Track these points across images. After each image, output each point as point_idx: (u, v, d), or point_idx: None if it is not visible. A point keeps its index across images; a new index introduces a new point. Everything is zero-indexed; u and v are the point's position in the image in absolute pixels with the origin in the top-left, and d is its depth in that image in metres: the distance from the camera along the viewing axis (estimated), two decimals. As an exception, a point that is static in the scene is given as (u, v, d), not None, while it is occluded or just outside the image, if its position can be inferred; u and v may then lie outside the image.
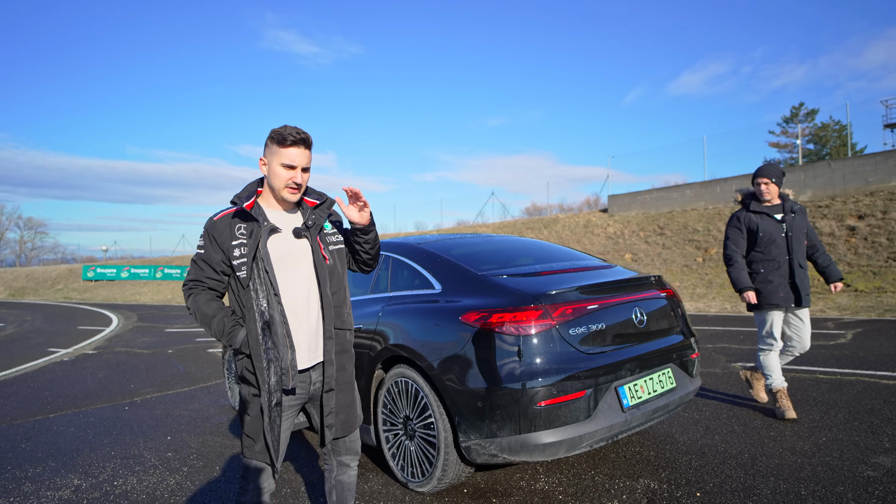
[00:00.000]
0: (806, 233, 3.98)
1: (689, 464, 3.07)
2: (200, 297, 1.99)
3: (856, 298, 11.64)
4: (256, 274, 1.90)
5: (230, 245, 1.93)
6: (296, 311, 1.96)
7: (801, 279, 3.85)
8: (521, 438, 2.47)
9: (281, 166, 1.92)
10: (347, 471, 2.17)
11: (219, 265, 1.96)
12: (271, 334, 1.88)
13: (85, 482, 3.48)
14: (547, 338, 2.56)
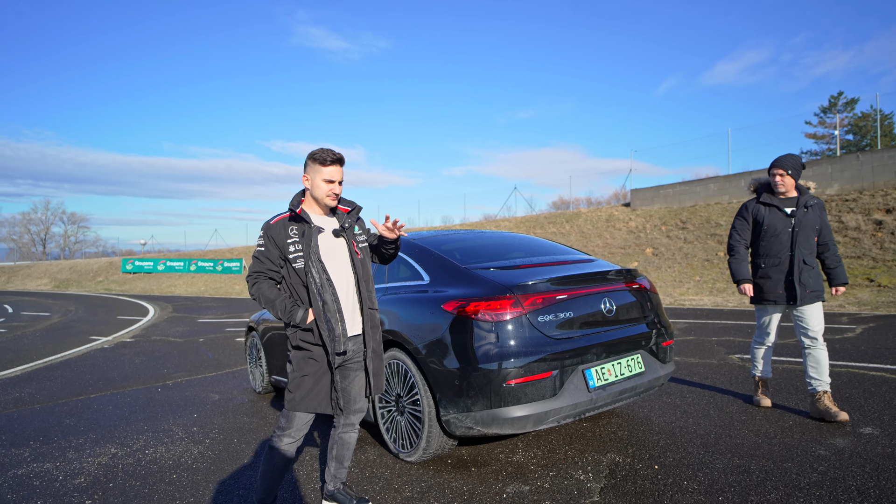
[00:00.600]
0: (819, 229, 3.78)
1: (657, 442, 3.33)
2: (263, 285, 2.46)
3: (878, 294, 11.48)
4: (311, 265, 2.39)
5: (285, 243, 2.42)
6: (340, 293, 2.46)
7: (805, 277, 3.69)
8: (493, 413, 2.78)
9: (322, 181, 2.44)
10: (350, 431, 2.64)
11: (276, 259, 2.45)
12: (327, 310, 2.38)
13: (120, 451, 3.94)
14: (517, 324, 2.86)
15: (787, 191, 3.81)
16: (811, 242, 3.76)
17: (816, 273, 3.76)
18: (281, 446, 2.43)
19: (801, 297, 3.68)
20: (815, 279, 3.73)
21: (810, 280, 3.71)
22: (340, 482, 2.71)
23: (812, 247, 3.77)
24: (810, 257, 3.75)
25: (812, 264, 3.74)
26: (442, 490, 2.81)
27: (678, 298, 13.67)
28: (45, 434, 4.51)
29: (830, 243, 3.82)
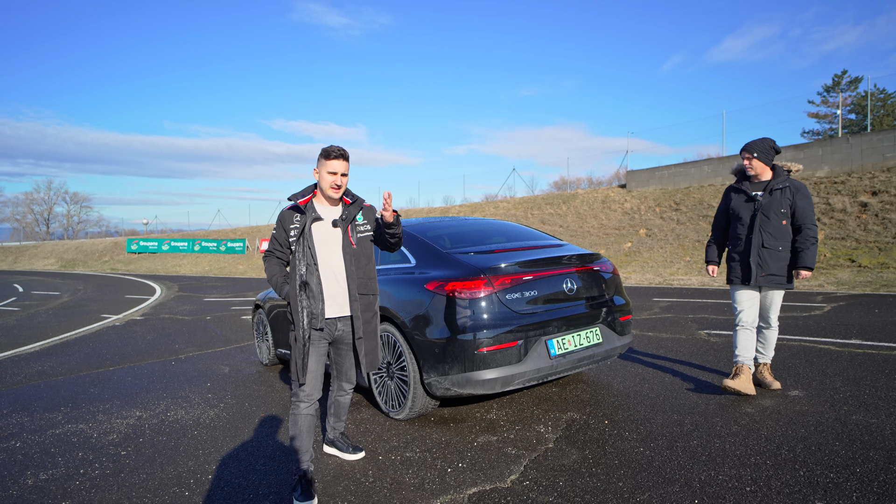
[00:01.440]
0: (787, 212, 3.72)
1: (612, 403, 3.85)
2: (271, 261, 2.91)
3: (858, 274, 11.93)
4: (301, 250, 2.73)
5: (289, 228, 2.78)
6: (329, 277, 2.76)
7: (764, 260, 3.73)
8: (467, 376, 3.28)
9: (327, 173, 2.73)
10: (344, 395, 3.11)
11: (284, 242, 2.82)
12: (307, 291, 2.69)
13: (145, 413, 4.46)
14: (489, 301, 3.35)
15: (758, 174, 3.83)
16: (776, 226, 3.72)
17: (781, 257, 3.73)
18: (297, 414, 2.72)
19: (756, 279, 3.75)
20: (776, 263, 3.73)
21: (769, 263, 3.73)
22: (339, 432, 3.21)
23: (778, 230, 3.73)
24: (774, 240, 3.73)
25: (774, 247, 3.73)
26: (423, 440, 3.33)
27: (667, 278, 14.16)
28: (73, 401, 5.02)
29: (805, 226, 3.72)
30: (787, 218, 3.74)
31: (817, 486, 2.43)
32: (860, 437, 2.98)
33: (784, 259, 3.75)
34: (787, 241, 3.75)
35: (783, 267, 3.76)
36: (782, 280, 3.77)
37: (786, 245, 3.75)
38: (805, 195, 3.75)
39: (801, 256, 3.72)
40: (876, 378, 4.10)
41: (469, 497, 2.54)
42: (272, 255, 2.90)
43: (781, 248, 3.74)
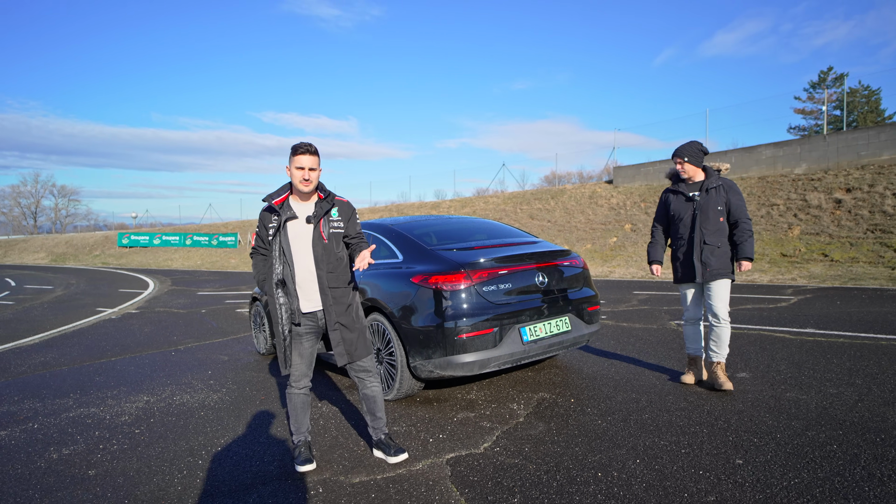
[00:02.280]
0: (723, 209, 3.89)
1: (580, 384, 4.27)
2: (257, 258, 3.07)
3: (829, 268, 12.47)
4: (277, 248, 2.86)
5: (267, 226, 2.90)
6: (304, 273, 2.87)
7: (707, 256, 3.89)
8: (447, 359, 3.69)
9: (296, 168, 2.82)
10: (366, 385, 3.06)
11: (266, 239, 2.93)
12: (284, 288, 2.85)
13: (152, 398, 4.82)
14: (468, 293, 3.74)
15: (690, 176, 4.01)
16: (715, 223, 3.90)
17: (722, 253, 3.91)
18: (291, 394, 3.04)
19: (702, 275, 3.93)
20: (718, 259, 3.90)
21: (712, 259, 3.90)
22: (382, 433, 3.11)
23: (717, 227, 3.90)
24: (714, 237, 3.90)
25: (715, 244, 3.90)
26: (409, 417, 3.74)
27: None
28: (81, 388, 5.36)
29: (741, 220, 3.88)
30: (723, 215, 3.92)
31: (740, 448, 2.87)
32: (788, 409, 3.42)
33: (725, 254, 3.93)
34: (724, 237, 3.93)
35: (724, 262, 3.92)
36: (726, 272, 3.92)
37: (724, 241, 3.92)
38: (737, 192, 3.94)
39: (740, 249, 3.87)
40: (817, 361, 4.55)
41: (447, 461, 2.95)
42: (257, 253, 3.04)
43: (720, 244, 3.91)
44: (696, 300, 4.12)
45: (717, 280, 3.91)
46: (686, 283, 4.11)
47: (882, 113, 39.27)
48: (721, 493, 2.40)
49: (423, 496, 2.55)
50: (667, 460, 2.76)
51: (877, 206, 14.21)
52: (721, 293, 3.94)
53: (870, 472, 2.53)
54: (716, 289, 3.93)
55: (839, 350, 4.94)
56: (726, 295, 3.95)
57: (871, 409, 3.36)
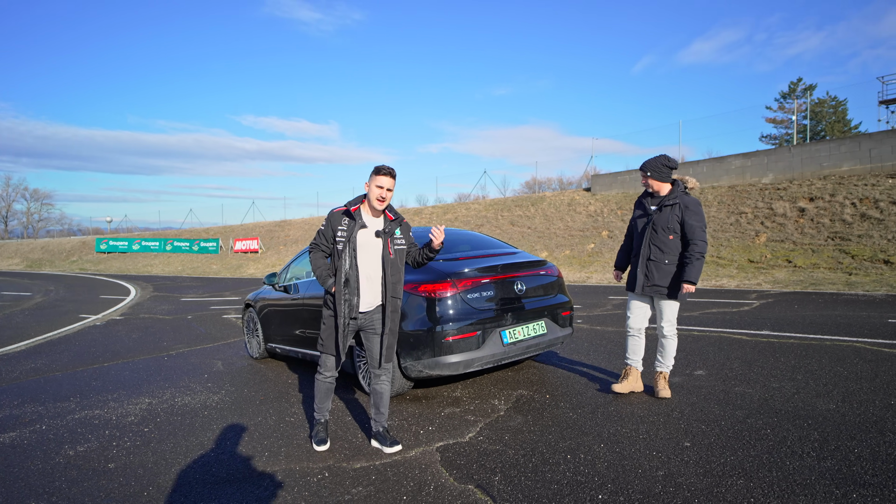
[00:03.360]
0: (673, 228, 3.90)
1: (555, 381, 4.71)
2: (318, 254, 3.42)
3: (793, 273, 13.19)
4: (347, 250, 3.25)
5: (337, 228, 3.29)
6: (366, 276, 3.29)
7: (651, 271, 3.98)
8: (435, 360, 4.08)
9: (375, 186, 3.25)
10: (380, 382, 3.48)
11: (329, 238, 3.34)
12: (348, 286, 3.24)
13: (153, 400, 5.10)
14: (454, 300, 4.15)
15: (656, 190, 4.07)
16: (663, 240, 3.93)
17: (666, 270, 3.93)
18: (319, 379, 3.51)
19: (641, 288, 4.04)
20: (661, 275, 3.94)
21: (655, 275, 3.96)
22: (382, 426, 3.47)
23: (665, 244, 3.93)
24: (660, 253, 3.95)
25: (660, 259, 3.95)
26: (400, 412, 4.12)
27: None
28: (80, 393, 5.59)
29: (692, 241, 3.84)
30: (674, 233, 3.91)
31: (689, 433, 3.32)
32: (734, 401, 3.90)
33: (669, 272, 3.93)
34: (673, 254, 3.92)
35: (668, 280, 3.92)
36: (665, 291, 3.95)
37: (672, 258, 3.93)
38: (694, 212, 3.86)
39: (685, 270, 3.83)
40: (766, 360, 5.07)
41: (436, 448, 3.35)
42: (318, 248, 3.40)
43: (668, 261, 3.93)
44: (640, 311, 4.19)
45: (662, 298, 4.00)
46: (631, 293, 4.24)
47: (849, 123, 40.90)
48: (669, 469, 2.83)
49: (417, 477, 2.94)
50: (626, 444, 3.20)
51: (837, 215, 15.04)
52: (670, 312, 4.02)
53: (793, 450, 2.99)
54: (665, 308, 4.03)
55: (788, 350, 5.46)
56: (673, 315, 4.03)
57: (805, 400, 3.85)
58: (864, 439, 3.10)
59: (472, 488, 2.76)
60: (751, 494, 2.52)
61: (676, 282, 3.92)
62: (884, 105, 27.53)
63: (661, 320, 4.05)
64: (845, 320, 7.04)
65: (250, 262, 30.87)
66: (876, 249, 13.08)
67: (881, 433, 3.18)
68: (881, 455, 2.88)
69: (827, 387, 4.13)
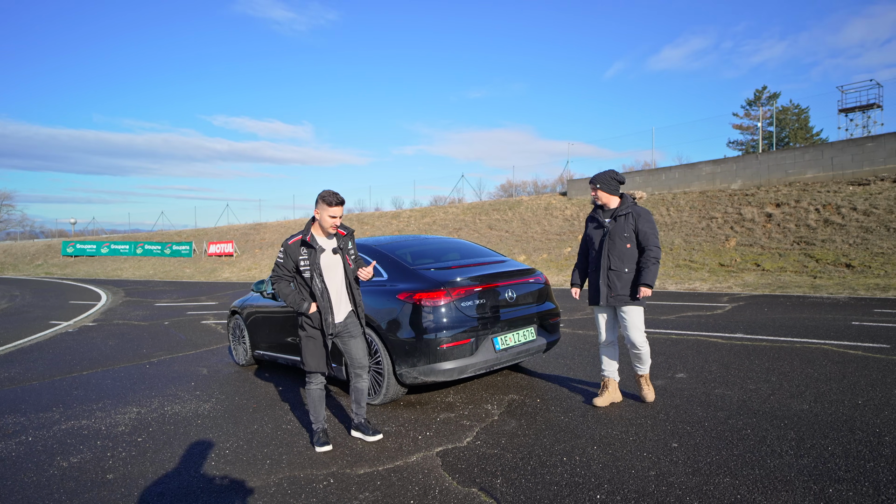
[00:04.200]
0: (629, 236, 4.03)
1: (544, 386, 4.87)
2: (282, 283, 3.67)
3: (761, 276, 13.71)
4: (315, 275, 3.58)
5: (298, 259, 3.60)
6: (335, 293, 3.66)
7: (612, 281, 4.06)
8: (431, 367, 4.19)
9: (328, 216, 3.57)
10: (359, 380, 3.84)
11: (291, 268, 3.64)
12: (322, 306, 3.56)
13: (142, 409, 5.06)
14: (448, 308, 4.27)
15: (605, 203, 4.17)
16: (621, 249, 4.05)
17: (627, 278, 4.04)
18: (311, 388, 3.75)
19: (606, 299, 4.10)
20: (624, 284, 4.04)
21: (617, 284, 4.05)
22: (362, 418, 3.87)
23: (624, 253, 4.05)
24: (620, 262, 4.05)
25: (620, 269, 4.05)
26: (397, 418, 4.22)
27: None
28: (62, 402, 5.50)
29: (647, 247, 3.98)
30: (630, 241, 4.04)
31: (676, 434, 3.51)
32: (715, 403, 4.12)
33: (629, 280, 4.05)
34: (632, 263, 4.06)
35: (630, 287, 4.05)
36: (629, 299, 4.05)
37: (631, 266, 4.06)
38: (647, 220, 4.04)
39: (641, 274, 3.96)
40: (742, 362, 5.33)
41: (437, 453, 3.46)
42: (281, 279, 3.67)
43: (627, 269, 4.05)
44: (608, 323, 4.27)
45: (627, 306, 4.06)
46: (596, 306, 4.27)
47: (811, 130, 42.52)
48: (660, 469, 3.01)
49: (421, 481, 3.04)
50: (618, 446, 3.37)
51: (802, 220, 15.69)
52: (634, 321, 4.07)
53: (772, 448, 3.20)
54: (628, 317, 4.08)
55: (761, 352, 5.74)
56: (639, 321, 4.09)
57: (781, 401, 4.10)
58: (836, 437, 3.33)
59: (476, 491, 2.88)
60: (737, 491, 2.71)
61: (635, 288, 4.04)
62: (843, 113, 28.75)
63: (628, 330, 4.09)
64: (812, 323, 7.41)
65: (225, 266, 30.40)
66: (838, 254, 13.71)
67: (851, 431, 3.42)
68: (852, 452, 3.11)
69: (800, 388, 4.39)
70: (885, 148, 15.93)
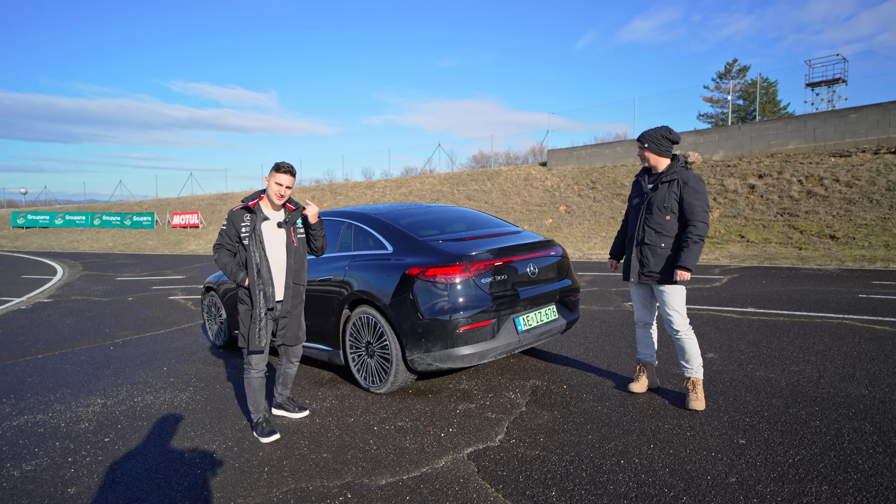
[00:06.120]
0: (671, 207, 3.47)
1: (566, 370, 4.42)
2: (223, 252, 3.42)
3: (746, 248, 13.63)
4: (254, 244, 3.32)
5: (240, 226, 3.35)
6: (276, 267, 3.40)
7: (645, 256, 3.57)
8: (448, 352, 3.67)
9: (275, 184, 3.34)
10: (291, 367, 3.72)
11: (234, 237, 3.39)
12: (261, 277, 3.31)
13: (108, 401, 4.41)
14: (466, 285, 3.73)
15: (653, 165, 3.61)
16: (659, 221, 3.51)
17: (661, 255, 3.52)
18: (250, 377, 3.48)
19: (637, 275, 3.63)
20: (657, 261, 3.52)
21: (651, 260, 3.54)
22: (286, 397, 3.79)
23: (662, 225, 3.51)
24: (655, 236, 3.52)
25: (655, 243, 3.52)
26: (409, 411, 3.70)
27: (586, 252, 15.30)
28: (13, 392, 4.79)
29: (691, 222, 3.41)
30: (671, 213, 3.48)
31: (738, 428, 3.10)
32: (763, 388, 3.74)
33: (664, 257, 3.51)
34: (671, 237, 3.50)
35: (664, 265, 3.50)
36: (665, 279, 3.50)
37: (668, 242, 3.50)
38: (694, 189, 3.42)
39: (679, 255, 3.40)
40: (769, 340, 4.99)
41: (468, 455, 2.96)
42: (223, 248, 3.42)
43: (664, 244, 3.51)
44: (643, 301, 3.79)
45: (662, 285, 3.53)
46: (629, 282, 3.77)
47: (778, 104, 43.01)
48: (739, 474, 2.59)
49: (459, 495, 2.54)
50: (677, 444, 2.94)
51: (785, 192, 15.65)
52: (672, 301, 3.51)
53: (856, 446, 2.82)
54: (664, 297, 3.54)
55: (784, 328, 5.44)
56: (679, 302, 3.52)
57: (833, 384, 3.75)
58: (912, 428, 2.98)
59: (528, 507, 2.40)
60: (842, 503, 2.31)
61: (673, 268, 3.47)
62: (810, 87, 28.95)
63: (668, 315, 3.54)
64: (818, 296, 7.19)
65: (191, 238, 29.04)
66: (822, 225, 13.71)
67: (924, 420, 3.08)
68: (939, 446, 2.76)
69: (846, 369, 4.06)
70: (867, 119, 15.93)
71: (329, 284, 4.36)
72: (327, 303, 4.34)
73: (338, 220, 4.72)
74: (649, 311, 3.82)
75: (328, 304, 4.33)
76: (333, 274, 4.35)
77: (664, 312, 3.59)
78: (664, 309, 3.58)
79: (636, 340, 3.94)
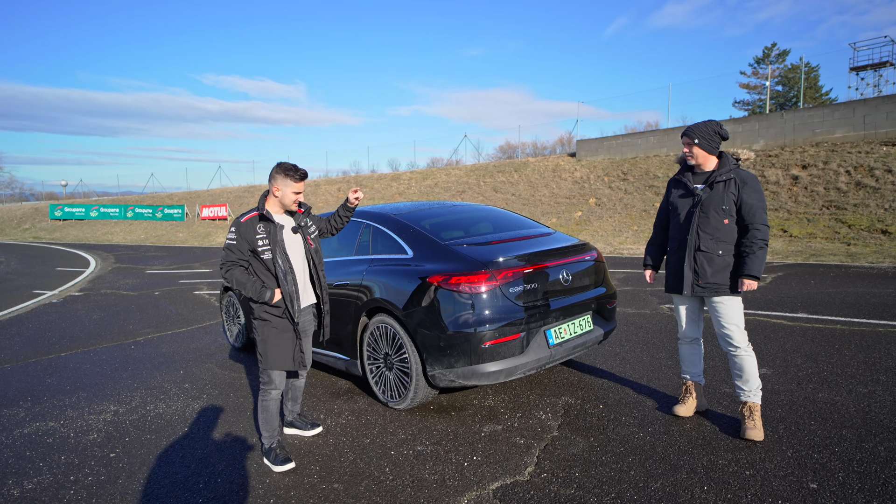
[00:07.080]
0: (729, 209, 3.14)
1: (601, 385, 4.05)
2: (236, 271, 3.02)
3: (789, 243, 12.89)
4: (277, 256, 3.01)
5: (254, 238, 3.00)
6: (297, 277, 3.12)
7: (700, 266, 3.21)
8: (472, 368, 3.35)
9: (292, 192, 3.06)
10: (300, 379, 3.49)
11: (245, 251, 3.02)
12: (293, 288, 3.06)
13: (120, 408, 4.26)
14: (492, 295, 3.40)
15: (700, 163, 3.27)
16: (716, 225, 3.17)
17: (720, 263, 3.17)
18: (269, 398, 3.15)
19: (691, 287, 3.26)
20: (715, 270, 3.18)
21: (707, 270, 3.19)
22: (296, 413, 3.55)
23: (719, 230, 3.17)
24: (712, 243, 3.18)
25: (713, 251, 3.17)
26: (430, 432, 3.40)
27: (617, 247, 14.75)
28: (31, 394, 4.71)
29: (753, 225, 3.09)
30: (729, 216, 3.16)
31: (806, 468, 2.70)
32: (828, 415, 3.31)
33: (725, 265, 3.17)
34: (729, 243, 3.18)
35: (725, 275, 3.17)
36: (724, 289, 3.17)
37: (727, 248, 3.18)
38: (754, 189, 3.12)
39: (744, 263, 3.09)
40: (829, 354, 4.52)
41: (493, 492, 2.64)
42: (235, 265, 3.03)
43: (722, 251, 3.17)
44: (692, 316, 3.44)
45: (719, 296, 3.19)
46: (677, 294, 3.39)
47: (820, 90, 41.01)
48: (814, 531, 2.21)
49: (483, 546, 2.23)
50: (736, 486, 2.56)
51: (831, 183, 14.76)
52: (729, 314, 3.18)
53: (953, 495, 2.41)
54: (721, 309, 3.19)
55: (843, 338, 4.94)
56: (738, 315, 3.18)
57: (911, 411, 3.30)
58: None
59: (563, 564, 2.08)
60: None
61: (734, 277, 3.15)
62: (854, 72, 27.33)
63: (724, 330, 3.18)
64: (876, 299, 6.60)
65: (219, 230, 29.37)
66: (873, 219, 12.85)
67: None
68: None
69: (922, 392, 3.59)
70: (924, 105, 14.86)
71: (346, 289, 4.09)
72: (344, 308, 4.07)
73: (356, 220, 4.43)
74: (697, 326, 3.46)
75: (345, 309, 4.06)
76: (351, 278, 4.07)
77: (720, 327, 3.22)
78: (721, 323, 3.21)
79: (680, 358, 3.56)
